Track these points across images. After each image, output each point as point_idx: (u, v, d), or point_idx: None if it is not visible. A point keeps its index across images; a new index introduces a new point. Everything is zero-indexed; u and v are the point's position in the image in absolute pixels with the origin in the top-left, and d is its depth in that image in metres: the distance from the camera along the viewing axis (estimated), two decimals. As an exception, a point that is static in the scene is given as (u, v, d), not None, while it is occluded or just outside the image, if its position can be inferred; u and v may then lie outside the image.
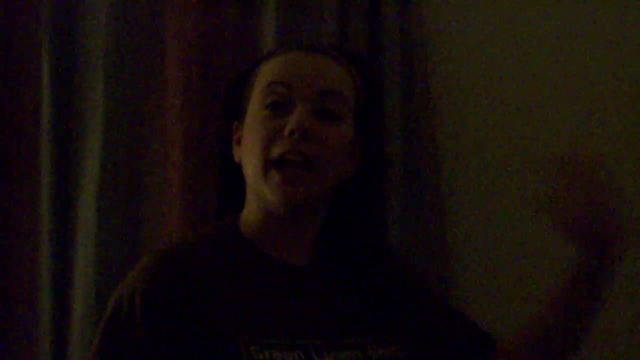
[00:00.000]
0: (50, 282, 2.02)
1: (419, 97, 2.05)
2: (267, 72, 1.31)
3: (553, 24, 2.11)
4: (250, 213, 1.32)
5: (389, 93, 2.04)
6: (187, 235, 1.60)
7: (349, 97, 1.30)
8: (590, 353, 1.74)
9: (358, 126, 1.32)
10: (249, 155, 1.29)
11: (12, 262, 2.01)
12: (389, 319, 1.33)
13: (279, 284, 1.27)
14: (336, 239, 1.35)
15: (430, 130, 2.05)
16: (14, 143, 2.05)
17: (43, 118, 2.04)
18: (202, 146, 2.02)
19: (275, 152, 1.25)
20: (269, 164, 1.25)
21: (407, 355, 1.32)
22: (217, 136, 1.40)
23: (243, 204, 1.34)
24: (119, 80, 2.05)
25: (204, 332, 1.19)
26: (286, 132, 1.24)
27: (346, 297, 1.31)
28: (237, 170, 1.33)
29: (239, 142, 1.34)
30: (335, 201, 1.34)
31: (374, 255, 1.36)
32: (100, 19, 2.07)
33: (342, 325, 1.27)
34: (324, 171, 1.26)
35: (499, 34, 2.12)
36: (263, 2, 2.07)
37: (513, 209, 2.03)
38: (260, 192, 1.28)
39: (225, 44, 2.06)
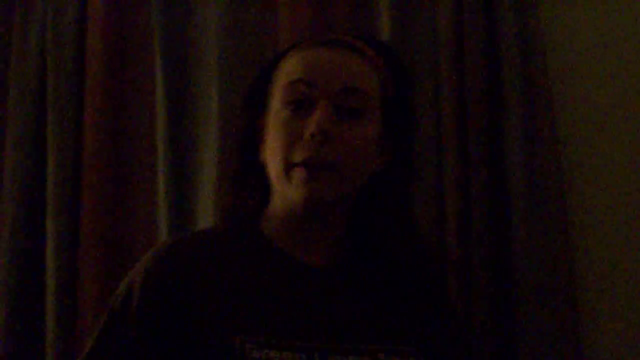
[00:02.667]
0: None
1: (539, 96, 1.89)
2: (287, 70, 1.29)
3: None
4: (273, 210, 1.30)
5: (508, 92, 1.90)
6: (204, 229, 1.58)
7: (373, 91, 1.26)
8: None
9: (387, 120, 1.28)
10: (271, 156, 1.27)
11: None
12: (410, 329, 1.26)
13: (291, 283, 1.24)
14: (362, 238, 1.30)
15: (552, 133, 1.88)
16: (132, 150, 2.10)
17: (159, 123, 2.06)
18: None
19: (297, 156, 1.22)
20: (291, 166, 1.23)
21: None
22: (241, 134, 1.36)
23: (266, 200, 1.32)
24: (232, 81, 2.03)
25: (200, 327, 1.17)
26: (307, 135, 1.21)
27: (365, 301, 1.25)
28: (260, 168, 1.31)
29: (263, 140, 1.32)
30: (361, 199, 1.29)
31: (400, 258, 1.28)
32: (212, 19, 2.08)
33: (355, 330, 1.22)
34: (348, 172, 1.24)
35: (623, 28, 1.93)
36: (377, -2, 2.01)
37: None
38: (283, 192, 1.25)
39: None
